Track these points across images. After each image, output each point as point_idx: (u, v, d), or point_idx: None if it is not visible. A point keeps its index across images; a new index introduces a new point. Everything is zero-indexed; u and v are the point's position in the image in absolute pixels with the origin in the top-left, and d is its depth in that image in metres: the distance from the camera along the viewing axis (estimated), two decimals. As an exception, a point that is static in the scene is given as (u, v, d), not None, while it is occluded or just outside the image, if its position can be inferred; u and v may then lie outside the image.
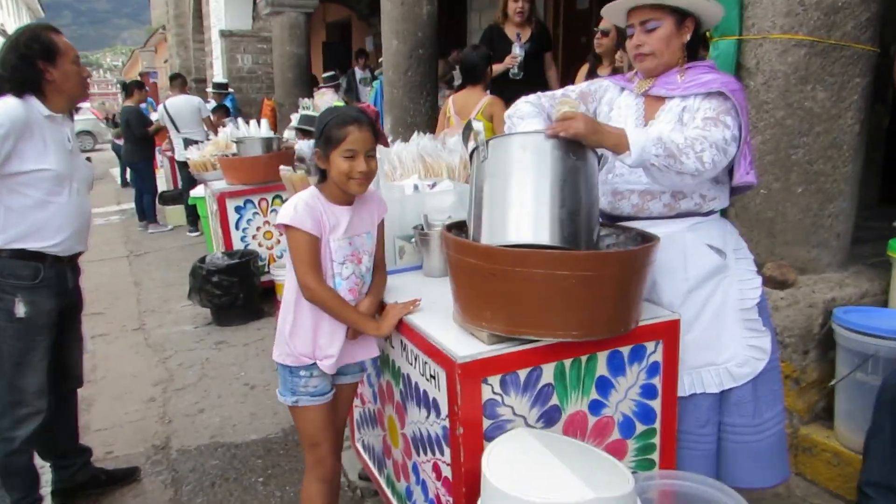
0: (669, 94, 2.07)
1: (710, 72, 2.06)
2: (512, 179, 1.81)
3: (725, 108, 1.95)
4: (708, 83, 2.00)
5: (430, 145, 2.98)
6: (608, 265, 1.72)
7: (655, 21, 2.03)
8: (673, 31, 2.04)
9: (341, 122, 2.00)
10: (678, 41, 2.05)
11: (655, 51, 2.05)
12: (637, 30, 2.07)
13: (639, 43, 2.06)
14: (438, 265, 2.43)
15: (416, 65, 5.89)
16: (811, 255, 2.92)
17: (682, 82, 2.05)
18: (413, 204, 2.56)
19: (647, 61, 2.08)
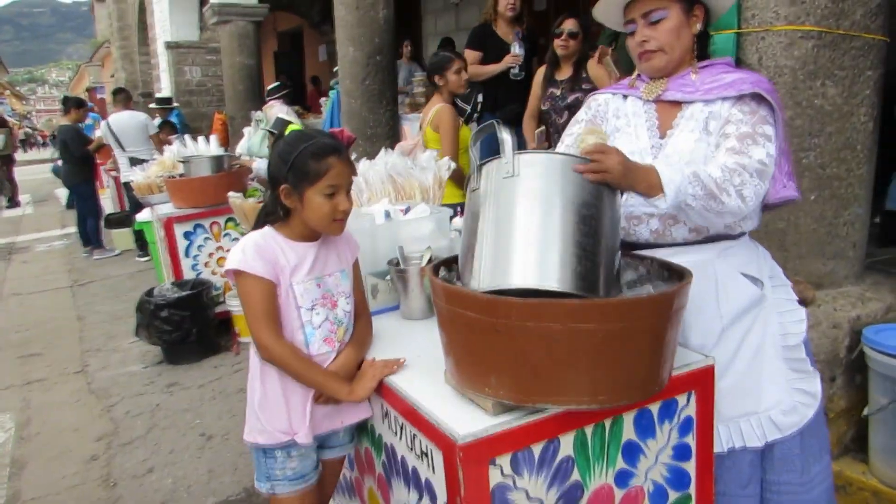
0: (688, 97, 1.76)
1: (732, 70, 1.76)
2: (518, 210, 1.46)
3: (762, 117, 1.65)
4: (735, 84, 1.69)
5: (400, 163, 2.62)
6: (642, 314, 1.38)
7: (661, 11, 1.72)
8: (682, 22, 1.74)
9: (320, 151, 1.65)
10: (688, 33, 1.75)
11: (664, 45, 1.74)
12: (640, 24, 1.76)
13: (643, 39, 1.76)
14: (419, 306, 2.08)
15: (374, 73, 5.53)
16: (827, 269, 2.65)
17: (701, 83, 1.74)
18: (385, 234, 2.21)
19: (655, 59, 1.77)
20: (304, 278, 1.72)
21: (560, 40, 4.14)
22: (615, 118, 1.93)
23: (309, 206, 1.67)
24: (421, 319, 2.09)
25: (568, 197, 1.46)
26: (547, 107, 4.24)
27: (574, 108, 4.11)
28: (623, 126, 1.89)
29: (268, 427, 1.73)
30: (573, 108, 4.12)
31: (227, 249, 5.02)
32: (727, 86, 1.70)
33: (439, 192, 2.64)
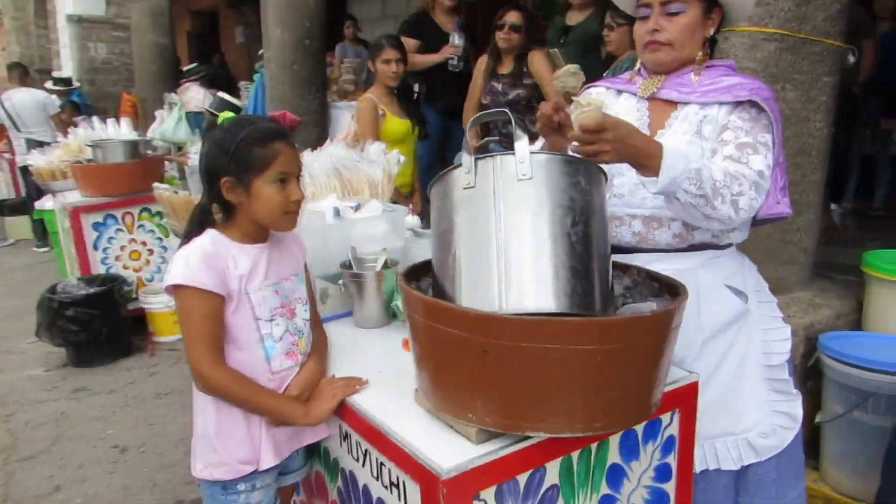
0: (684, 98, 1.66)
1: (732, 73, 1.67)
2: (505, 219, 1.31)
3: (762, 126, 1.57)
4: (734, 88, 1.59)
5: (347, 155, 2.43)
6: (645, 333, 1.26)
7: (681, 3, 1.61)
8: (699, 21, 1.64)
9: (264, 136, 1.45)
10: (701, 34, 1.66)
11: (675, 41, 1.64)
12: (655, 11, 1.64)
13: (656, 28, 1.64)
14: (375, 313, 1.91)
15: (303, 57, 5.27)
16: (778, 274, 2.63)
17: (699, 84, 1.64)
18: (336, 234, 2.01)
19: (661, 53, 1.66)
20: (261, 285, 1.52)
21: (502, 33, 4.01)
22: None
23: (258, 198, 1.47)
24: (376, 328, 1.92)
25: (577, 205, 1.32)
26: (487, 101, 4.10)
27: (516, 103, 4.00)
28: None
29: (228, 459, 1.51)
30: (515, 103, 4.00)
31: (141, 242, 4.66)
32: (725, 90, 1.61)
33: (388, 188, 2.46)
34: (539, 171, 1.33)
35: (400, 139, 3.82)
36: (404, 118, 3.89)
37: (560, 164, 1.34)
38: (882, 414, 2.14)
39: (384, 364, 1.68)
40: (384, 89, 3.89)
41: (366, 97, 3.90)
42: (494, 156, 1.35)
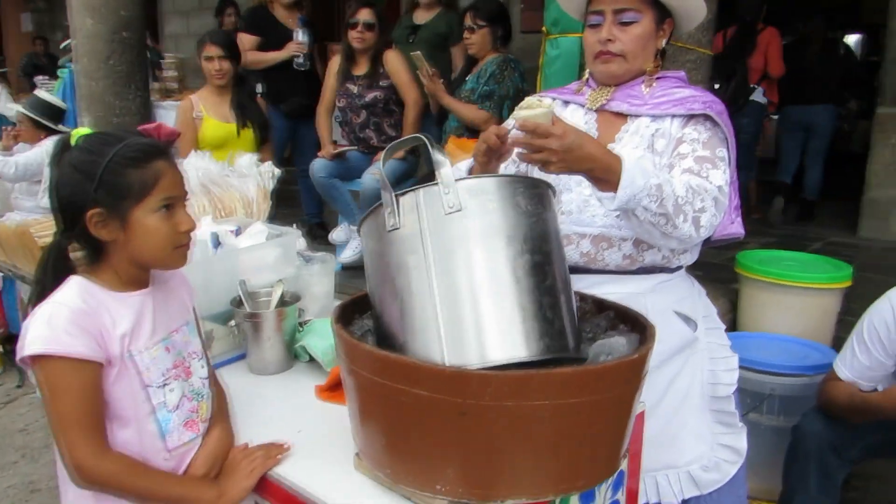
0: (635, 111, 1.57)
1: (684, 85, 1.60)
2: (457, 258, 1.12)
3: (718, 139, 1.51)
4: (686, 101, 1.52)
5: (216, 169, 2.11)
6: (633, 375, 1.14)
7: (635, 13, 1.52)
8: (651, 31, 1.56)
9: (141, 155, 1.17)
10: (653, 45, 1.58)
11: (628, 52, 1.55)
12: (608, 20, 1.54)
13: (609, 37, 1.53)
14: (276, 357, 1.64)
15: (120, 50, 4.67)
16: (662, 279, 2.65)
17: (650, 96, 1.55)
18: (220, 266, 1.72)
19: (613, 64, 1.56)
20: (149, 343, 1.22)
21: (355, 32, 3.78)
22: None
23: (139, 231, 1.18)
24: (277, 373, 1.66)
25: (525, 232, 1.16)
26: (343, 104, 3.86)
27: (373, 106, 3.79)
28: None
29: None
30: (372, 106, 3.80)
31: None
32: (678, 102, 1.53)
33: (264, 206, 2.17)
34: (472, 200, 1.15)
35: (219, 144, 3.50)
36: (229, 121, 3.57)
37: (499, 187, 1.17)
38: (777, 415, 2.21)
39: (300, 420, 1.43)
40: (213, 89, 3.61)
41: (188, 97, 3.64)
42: (417, 189, 1.16)
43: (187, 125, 3.51)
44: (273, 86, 4.29)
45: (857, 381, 1.91)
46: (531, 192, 1.20)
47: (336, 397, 1.51)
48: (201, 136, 3.52)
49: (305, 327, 1.74)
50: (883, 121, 4.94)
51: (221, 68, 3.49)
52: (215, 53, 3.47)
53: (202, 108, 3.54)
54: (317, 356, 1.60)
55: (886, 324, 1.86)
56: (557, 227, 1.25)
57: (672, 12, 1.58)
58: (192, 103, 3.55)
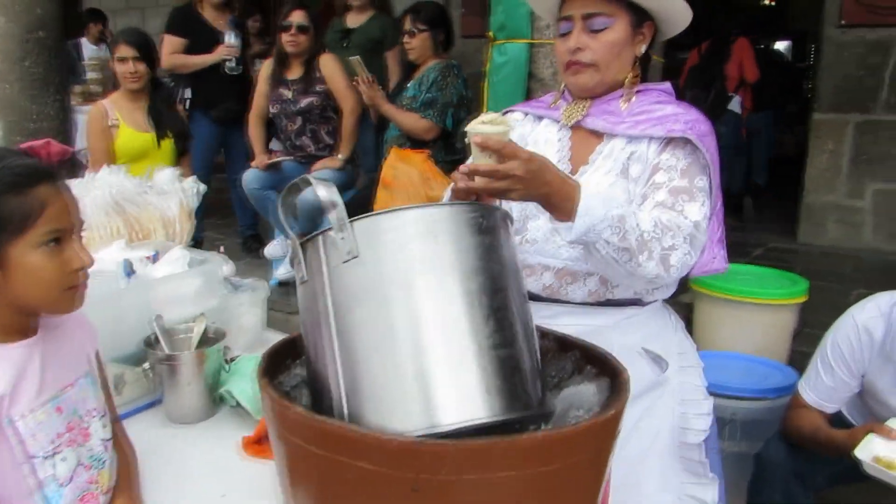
0: (610, 129, 1.42)
1: (667, 100, 1.45)
2: (394, 306, 0.95)
3: (699, 167, 1.36)
4: (667, 121, 1.38)
5: (132, 186, 1.89)
6: (609, 434, 0.99)
7: (606, 18, 1.37)
8: (627, 37, 1.40)
9: (21, 180, 0.98)
10: (630, 53, 1.42)
11: (599, 61, 1.40)
12: (577, 27, 1.39)
13: (578, 46, 1.39)
14: (195, 403, 1.45)
15: (36, 51, 4.34)
16: (615, 296, 2.54)
17: (629, 113, 1.41)
18: (132, 300, 1.51)
19: (584, 75, 1.42)
20: (34, 404, 1.02)
21: (288, 35, 3.57)
22: (521, 142, 1.52)
23: (19, 272, 0.98)
24: (195, 423, 1.46)
25: (474, 270, 1.00)
26: (276, 110, 3.65)
27: (308, 113, 3.60)
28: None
29: None
30: (307, 113, 3.60)
31: None
32: (657, 122, 1.38)
33: (187, 226, 1.97)
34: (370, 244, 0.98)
35: (137, 156, 3.19)
36: (147, 130, 3.24)
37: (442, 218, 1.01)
38: (739, 440, 2.12)
39: (224, 480, 1.25)
40: (127, 94, 3.26)
41: (98, 103, 3.30)
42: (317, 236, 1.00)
43: (100, 134, 3.17)
44: (202, 91, 4.04)
45: (823, 402, 1.83)
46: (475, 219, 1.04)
47: (266, 452, 1.32)
48: (117, 146, 3.17)
49: (231, 366, 1.55)
50: (818, 126, 4.99)
51: (136, 70, 3.16)
52: (129, 54, 3.15)
53: (117, 114, 3.20)
54: (244, 403, 1.41)
55: (850, 342, 1.79)
56: (515, 262, 1.09)
57: (652, 15, 1.43)
58: (104, 110, 3.19)
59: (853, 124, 4.86)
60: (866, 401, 1.87)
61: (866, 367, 1.78)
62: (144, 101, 3.26)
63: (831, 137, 4.95)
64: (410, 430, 0.91)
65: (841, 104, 4.86)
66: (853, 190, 4.94)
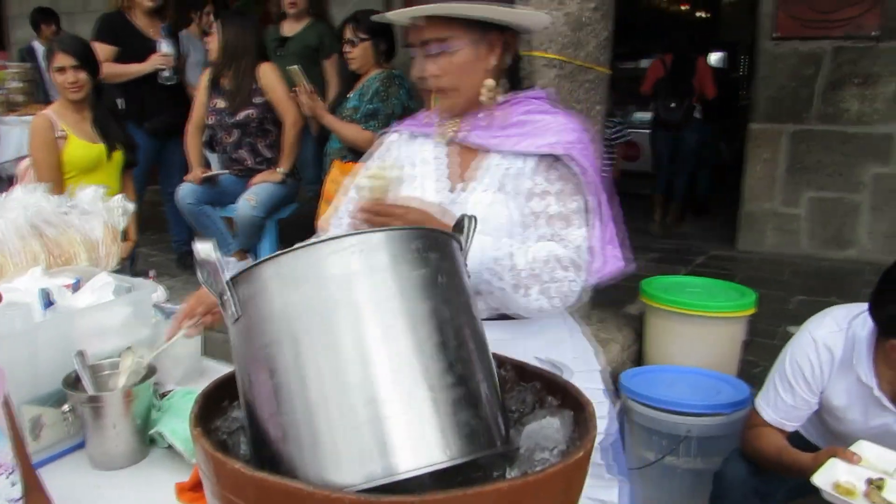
0: (484, 145, 1.41)
1: (544, 109, 1.42)
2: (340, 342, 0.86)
3: (572, 186, 1.37)
4: (536, 135, 1.37)
5: (50, 206, 1.75)
6: (578, 476, 0.92)
7: (442, 43, 1.35)
8: (474, 55, 1.38)
9: None
10: (483, 67, 1.39)
11: (446, 85, 1.40)
12: (419, 53, 1.38)
13: (421, 74, 1.39)
14: (123, 447, 1.32)
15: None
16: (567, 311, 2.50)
17: (499, 127, 1.40)
18: (50, 335, 1.37)
19: (443, 99, 1.42)
20: None
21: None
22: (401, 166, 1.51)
23: None
24: (124, 468, 1.33)
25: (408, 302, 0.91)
26: (212, 121, 3.50)
27: (246, 126, 3.46)
28: (408, 176, 1.47)
29: None
30: (244, 126, 3.46)
31: None
32: (526, 137, 1.37)
33: (113, 249, 1.83)
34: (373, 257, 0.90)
35: (89, 167, 3.04)
36: (96, 141, 3.07)
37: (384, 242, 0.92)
38: (693, 457, 2.09)
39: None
40: (69, 104, 3.06)
41: (41, 113, 3.07)
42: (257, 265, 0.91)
43: (47, 148, 2.95)
44: (135, 102, 3.85)
45: (783, 421, 1.80)
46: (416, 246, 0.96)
47: (203, 500, 1.21)
48: (67, 159, 2.99)
49: (164, 402, 1.42)
50: (756, 136, 5.10)
51: (77, 80, 2.95)
52: (68, 63, 2.95)
53: (63, 125, 2.99)
54: (177, 446, 1.29)
55: (810, 360, 1.77)
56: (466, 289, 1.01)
57: (502, 24, 1.39)
58: (49, 121, 2.97)
59: (788, 134, 4.97)
60: (823, 417, 1.86)
61: (825, 384, 1.76)
62: (88, 111, 3.07)
63: (767, 147, 5.06)
64: (361, 481, 0.82)
65: (776, 114, 4.97)
66: (789, 198, 5.06)
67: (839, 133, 4.77)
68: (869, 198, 4.76)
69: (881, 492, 1.54)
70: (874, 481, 1.56)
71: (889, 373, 1.68)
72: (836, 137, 4.79)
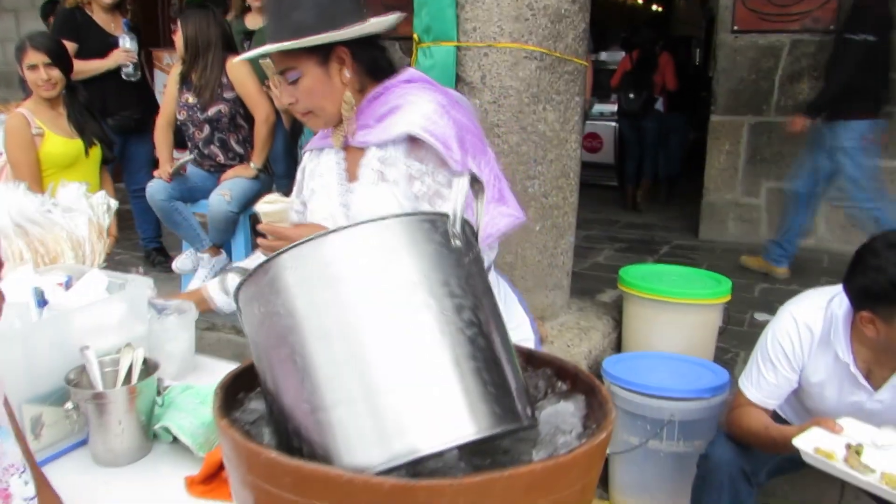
0: (363, 142, 1.48)
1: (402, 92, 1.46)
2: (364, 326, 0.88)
3: (438, 161, 1.42)
4: (388, 123, 1.43)
5: (33, 204, 1.71)
6: (599, 459, 0.95)
7: (293, 72, 1.42)
8: (321, 76, 1.43)
9: None
10: (335, 83, 1.45)
11: (310, 107, 1.47)
12: (280, 84, 1.46)
13: (290, 101, 1.46)
14: (129, 444, 1.31)
15: None
16: (548, 300, 2.55)
17: (376, 119, 1.47)
18: (47, 334, 1.35)
19: (310, 121, 1.52)
20: None
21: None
22: (311, 179, 1.64)
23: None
24: (129, 464, 1.32)
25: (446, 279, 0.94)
26: (183, 117, 3.44)
27: (217, 121, 3.41)
28: (318, 187, 1.59)
29: None
30: (215, 122, 3.41)
31: None
32: (391, 124, 1.43)
33: (99, 246, 1.80)
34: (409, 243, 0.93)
35: (67, 164, 3.04)
36: (74, 137, 3.07)
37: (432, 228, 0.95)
38: (676, 440, 2.15)
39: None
40: (42, 101, 3.05)
41: (15, 112, 3.02)
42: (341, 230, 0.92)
43: (25, 146, 2.93)
44: (98, 98, 3.76)
45: (766, 400, 1.87)
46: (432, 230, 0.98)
47: (215, 492, 1.21)
48: (44, 155, 2.97)
49: (163, 397, 1.41)
50: (716, 128, 5.21)
51: (50, 77, 2.94)
52: (39, 60, 2.92)
53: (39, 123, 2.97)
54: (185, 441, 1.28)
55: (790, 339, 1.83)
56: (483, 272, 1.04)
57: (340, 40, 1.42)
58: (25, 118, 2.94)
59: (748, 125, 5.10)
60: (800, 395, 1.93)
61: (805, 362, 1.83)
62: (63, 107, 3.06)
63: (728, 138, 5.18)
64: (389, 460, 0.83)
65: (736, 107, 5.08)
66: (749, 188, 5.18)
67: (797, 125, 4.90)
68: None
69: (860, 457, 1.61)
70: (853, 447, 1.63)
71: (863, 350, 1.75)
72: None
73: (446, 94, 1.47)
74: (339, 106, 1.46)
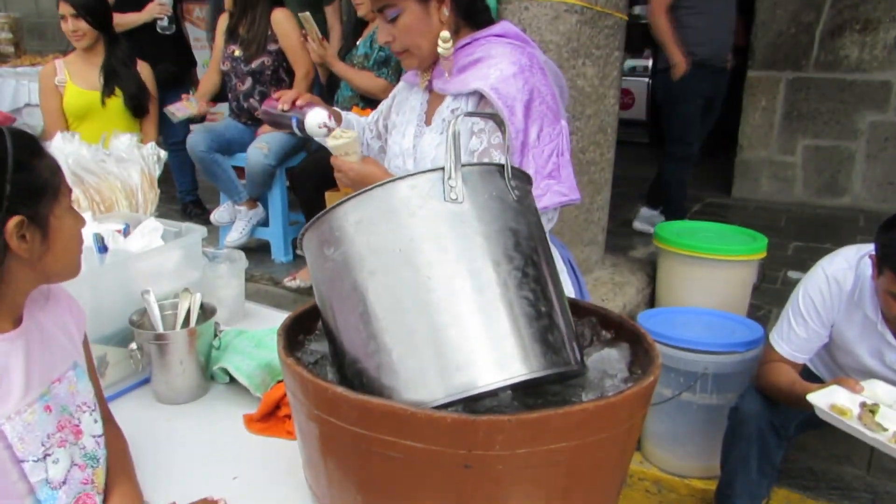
0: (442, 89, 1.49)
1: (492, 46, 1.45)
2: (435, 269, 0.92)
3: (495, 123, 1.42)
4: (466, 76, 1.44)
5: (89, 154, 1.77)
6: (645, 402, 1.00)
7: (393, 8, 1.42)
8: (421, 14, 1.43)
9: (34, 145, 0.94)
10: (434, 23, 1.44)
11: (408, 46, 1.46)
12: (379, 20, 1.46)
13: (385, 39, 1.46)
14: (189, 383, 1.38)
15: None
16: (584, 255, 2.57)
17: (458, 70, 1.48)
18: (111, 277, 1.42)
19: (405, 60, 1.52)
20: (22, 404, 0.93)
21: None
22: (396, 112, 1.66)
23: (61, 237, 0.95)
24: (188, 402, 1.39)
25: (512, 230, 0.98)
26: (227, 68, 3.46)
27: (260, 74, 3.42)
28: (399, 122, 1.62)
29: None
30: (258, 74, 3.43)
31: None
32: (462, 79, 1.44)
33: (151, 195, 1.85)
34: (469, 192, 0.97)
35: (80, 114, 3.18)
36: (93, 89, 3.17)
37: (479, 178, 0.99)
38: (710, 393, 2.18)
39: (233, 462, 1.19)
40: (79, 53, 3.20)
41: (51, 62, 3.24)
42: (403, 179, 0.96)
43: (50, 94, 3.12)
44: (135, 51, 3.80)
45: (796, 354, 1.89)
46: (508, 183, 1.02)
47: (273, 429, 1.27)
48: (65, 105, 3.15)
49: (219, 340, 1.48)
50: (753, 84, 5.11)
51: (77, 29, 3.06)
52: (67, 12, 3.04)
53: (66, 73, 3.13)
54: (243, 381, 1.35)
55: (822, 293, 1.85)
56: (541, 224, 1.08)
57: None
58: (54, 68, 3.13)
59: (786, 81, 5.00)
60: (832, 351, 1.95)
61: (835, 317, 1.85)
62: (98, 59, 3.17)
63: (765, 95, 5.08)
64: (446, 395, 0.88)
65: (774, 61, 4.97)
66: (785, 146, 5.10)
67: (837, 80, 4.79)
68: (864, 146, 4.81)
69: (874, 416, 1.63)
70: (868, 405, 1.65)
71: (886, 310, 1.76)
72: (834, 85, 4.81)
73: (531, 57, 1.46)
74: (435, 45, 1.44)
